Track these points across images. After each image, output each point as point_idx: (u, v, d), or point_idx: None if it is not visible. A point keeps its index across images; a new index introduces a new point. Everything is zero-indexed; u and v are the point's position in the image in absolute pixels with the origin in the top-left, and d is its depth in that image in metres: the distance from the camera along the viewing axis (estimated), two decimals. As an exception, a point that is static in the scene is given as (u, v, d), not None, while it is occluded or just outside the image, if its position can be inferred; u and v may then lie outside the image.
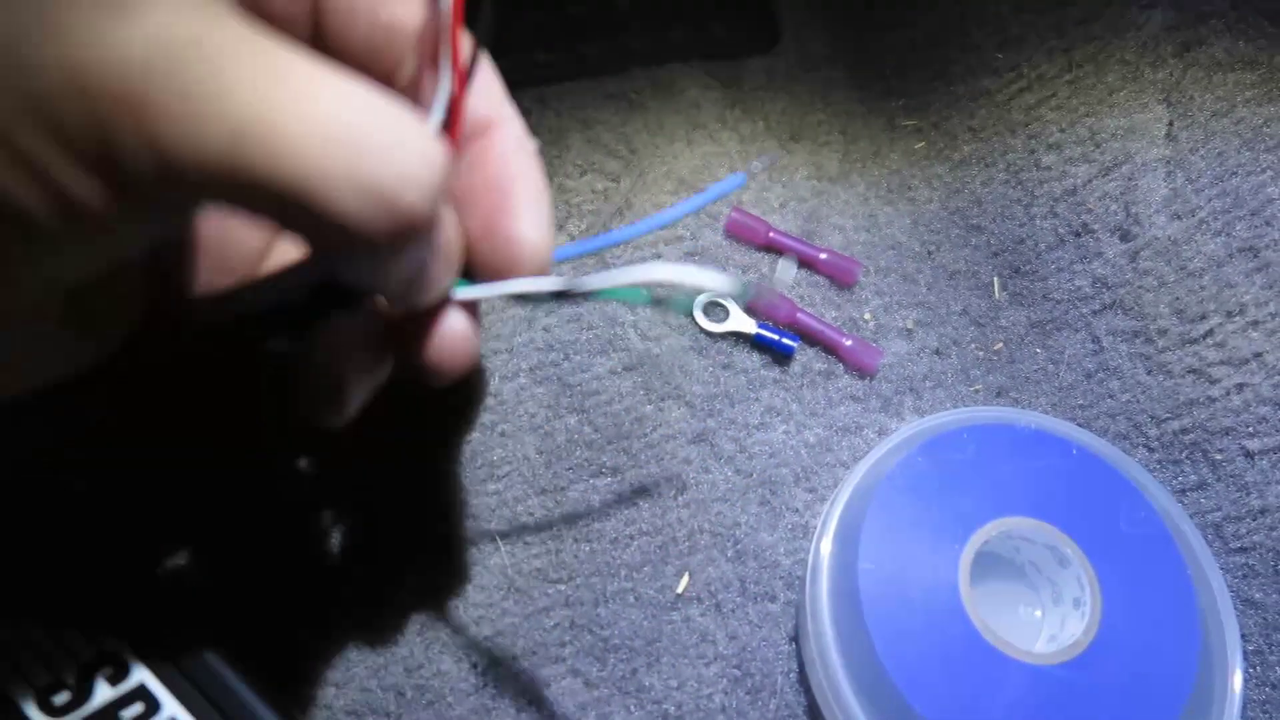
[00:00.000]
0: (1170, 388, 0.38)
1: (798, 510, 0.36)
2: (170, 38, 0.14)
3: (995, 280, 0.42)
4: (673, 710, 0.33)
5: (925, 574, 0.31)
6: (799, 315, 0.39)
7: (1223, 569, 0.35)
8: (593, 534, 0.35)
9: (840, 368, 0.39)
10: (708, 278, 0.20)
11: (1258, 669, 0.34)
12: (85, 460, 0.32)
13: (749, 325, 0.38)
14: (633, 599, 0.34)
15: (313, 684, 0.32)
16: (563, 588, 0.34)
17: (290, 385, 0.21)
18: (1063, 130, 0.43)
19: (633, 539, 0.35)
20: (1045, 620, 0.34)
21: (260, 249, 0.24)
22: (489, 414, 0.37)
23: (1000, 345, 0.40)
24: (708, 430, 0.37)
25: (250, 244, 0.24)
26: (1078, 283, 0.41)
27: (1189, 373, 0.38)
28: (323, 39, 0.21)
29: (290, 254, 0.24)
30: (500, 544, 0.35)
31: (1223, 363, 0.37)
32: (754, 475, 0.37)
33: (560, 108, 0.44)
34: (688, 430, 0.37)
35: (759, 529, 0.36)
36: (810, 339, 0.39)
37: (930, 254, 0.42)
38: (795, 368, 0.39)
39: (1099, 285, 0.40)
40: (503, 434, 0.36)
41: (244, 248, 0.23)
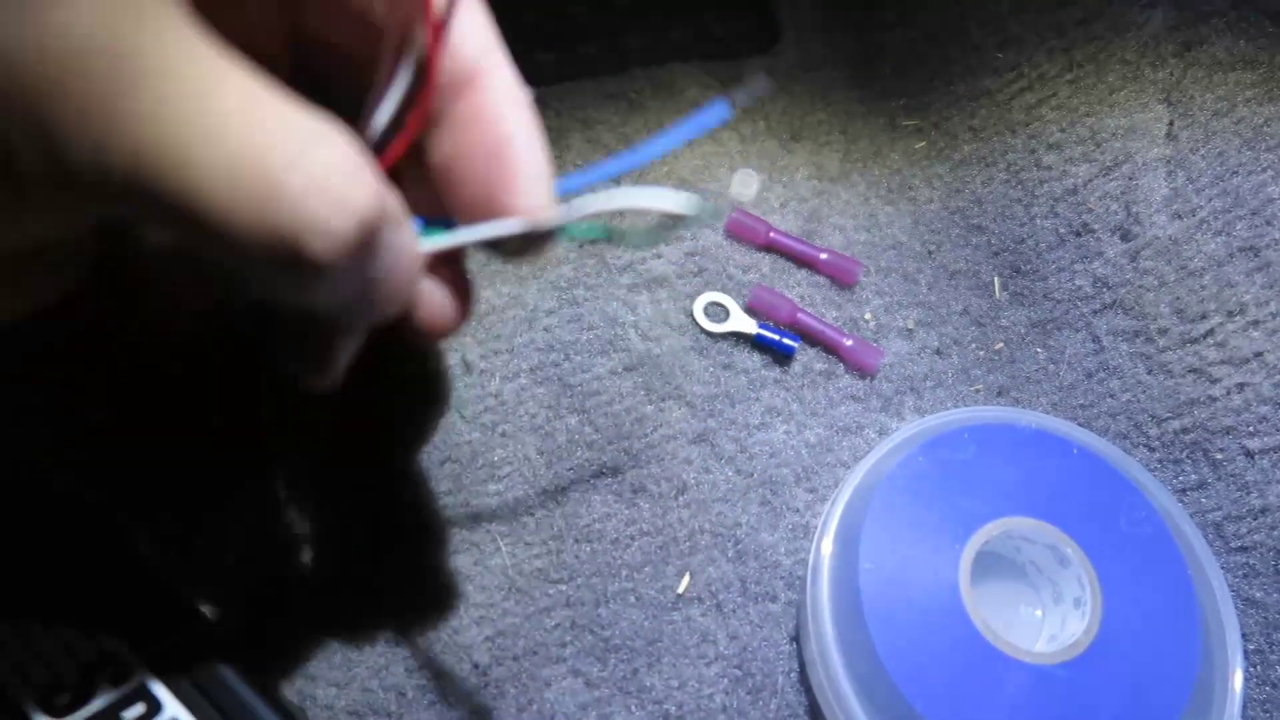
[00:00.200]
0: (1171, 387, 0.38)
1: (798, 510, 0.36)
2: (83, 37, 0.13)
3: (996, 280, 0.42)
4: (674, 710, 0.33)
5: (926, 574, 0.31)
6: (799, 315, 0.39)
7: (1223, 568, 0.35)
8: (593, 534, 0.35)
9: (841, 368, 0.39)
10: (667, 198, 0.20)
11: (1258, 668, 0.34)
12: (85, 460, 0.32)
13: (749, 325, 0.38)
14: (633, 599, 0.34)
15: (314, 684, 0.32)
16: (564, 588, 0.34)
17: (274, 349, 0.20)
18: (1063, 130, 0.43)
19: (633, 539, 0.35)
20: (1046, 620, 0.34)
21: None
22: (490, 414, 0.37)
23: (1001, 345, 0.40)
24: (708, 430, 0.37)
25: None
26: (1078, 282, 0.41)
27: (1189, 372, 0.38)
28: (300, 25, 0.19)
29: None
30: (501, 544, 0.35)
31: (1223, 362, 0.37)
32: (755, 475, 0.37)
33: (560, 108, 0.44)
34: (688, 430, 0.37)
35: (760, 529, 0.36)
36: (811, 339, 0.39)
37: (931, 254, 0.42)
38: (796, 368, 0.39)
39: (1099, 285, 0.40)
40: (503, 434, 0.36)
41: None
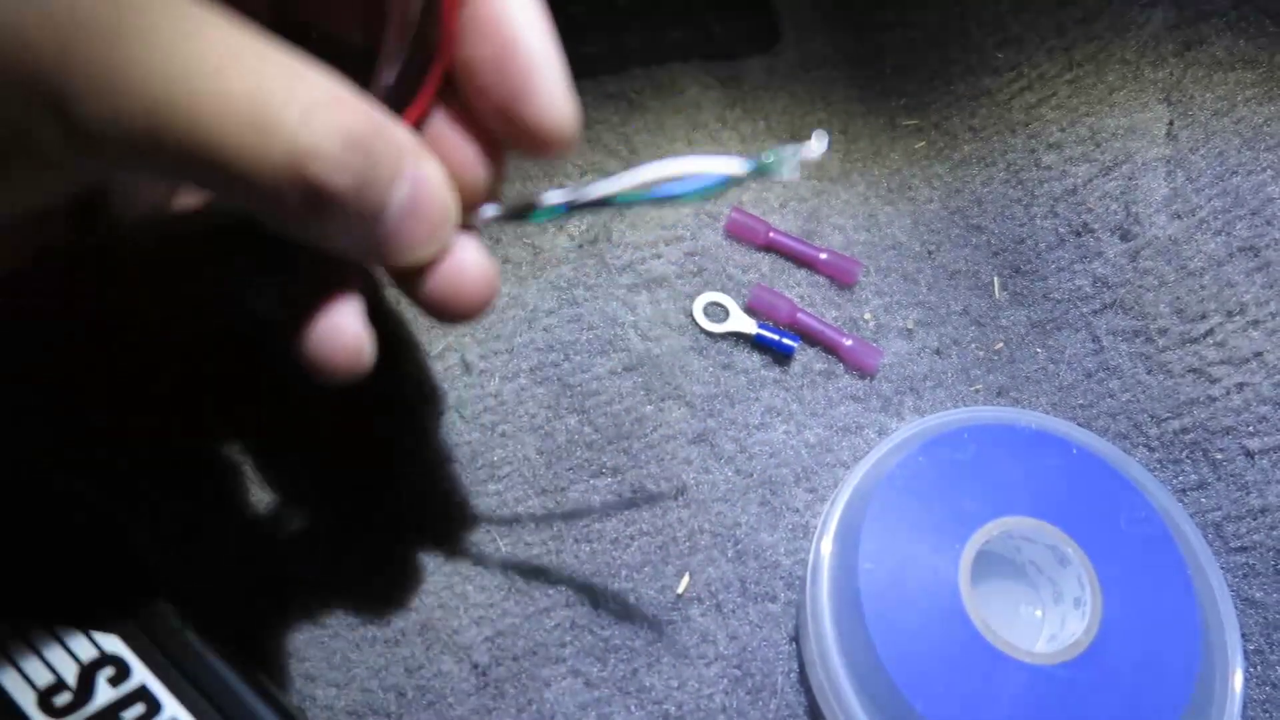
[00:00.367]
0: (1170, 387, 0.38)
1: (798, 510, 0.36)
2: (85, 6, 0.13)
3: (995, 280, 0.42)
4: (673, 710, 0.33)
5: (926, 574, 0.31)
6: (799, 315, 0.39)
7: (1223, 568, 0.35)
8: (593, 534, 0.35)
9: (840, 368, 0.39)
10: (720, 163, 0.20)
11: (1258, 668, 0.34)
12: (85, 460, 0.32)
13: (749, 325, 0.38)
14: (633, 599, 0.34)
15: (314, 684, 0.32)
16: (563, 588, 0.34)
17: (289, 349, 0.20)
18: (1063, 129, 0.43)
19: (633, 539, 0.35)
20: (1046, 620, 0.34)
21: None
22: (489, 414, 0.37)
23: (1000, 345, 0.40)
24: (708, 430, 0.37)
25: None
26: (1078, 282, 0.41)
27: (1189, 372, 0.38)
28: None
29: None
30: (501, 544, 0.35)
31: (1223, 362, 0.37)
32: (754, 475, 0.37)
33: (560, 108, 0.44)
34: (688, 430, 0.37)
35: (759, 529, 0.36)
36: (810, 339, 0.39)
37: (930, 254, 0.42)
38: (795, 368, 0.39)
39: (1099, 285, 0.40)
40: (503, 434, 0.36)
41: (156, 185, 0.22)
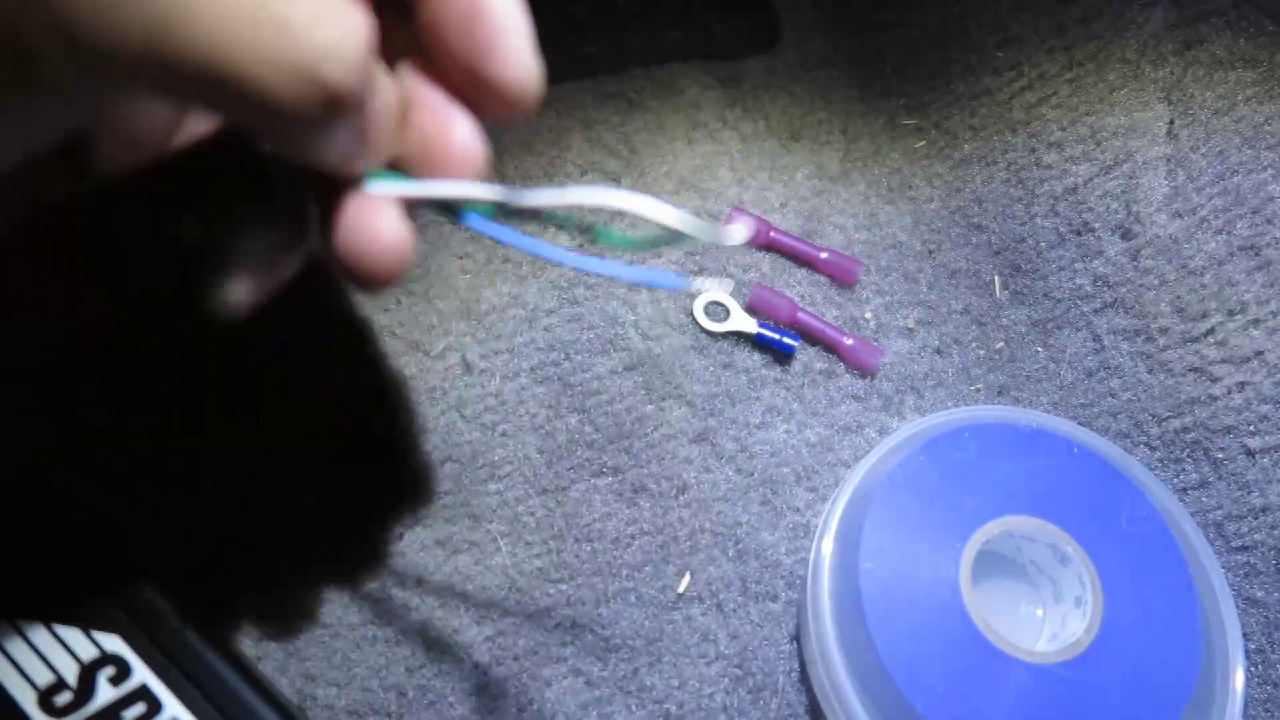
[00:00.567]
0: (1171, 386, 0.38)
1: (799, 509, 0.36)
2: None
3: (996, 279, 0.42)
4: (674, 710, 0.33)
5: (926, 573, 0.31)
6: (800, 314, 0.39)
7: (1224, 567, 0.35)
8: (594, 534, 0.35)
9: (841, 367, 0.39)
10: (662, 211, 0.19)
11: (1259, 667, 0.34)
12: (85, 460, 0.32)
13: (750, 325, 0.38)
14: (634, 598, 0.34)
15: (314, 683, 0.32)
16: (564, 587, 0.34)
17: (197, 268, 0.20)
18: (1063, 129, 0.43)
19: (634, 539, 0.35)
20: (1046, 619, 0.34)
21: (172, 122, 0.22)
22: (490, 414, 0.37)
23: (1001, 344, 0.40)
24: (709, 430, 0.37)
25: (161, 118, 0.22)
26: (1079, 281, 0.41)
27: (1190, 371, 0.38)
28: None
29: (204, 127, 0.22)
30: (501, 544, 0.35)
31: (1224, 361, 0.37)
32: (755, 475, 0.37)
33: (560, 108, 0.44)
34: (689, 430, 0.37)
35: (760, 528, 0.36)
36: (811, 338, 0.39)
37: (931, 253, 0.42)
38: (796, 367, 0.39)
39: (1100, 284, 0.40)
40: (504, 434, 0.36)
41: (154, 121, 0.22)
